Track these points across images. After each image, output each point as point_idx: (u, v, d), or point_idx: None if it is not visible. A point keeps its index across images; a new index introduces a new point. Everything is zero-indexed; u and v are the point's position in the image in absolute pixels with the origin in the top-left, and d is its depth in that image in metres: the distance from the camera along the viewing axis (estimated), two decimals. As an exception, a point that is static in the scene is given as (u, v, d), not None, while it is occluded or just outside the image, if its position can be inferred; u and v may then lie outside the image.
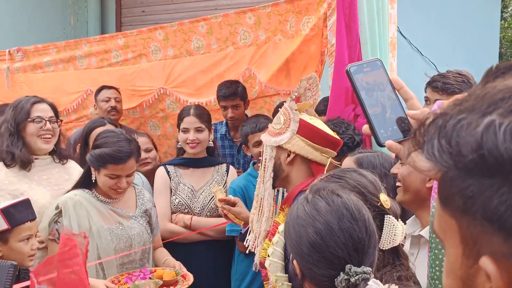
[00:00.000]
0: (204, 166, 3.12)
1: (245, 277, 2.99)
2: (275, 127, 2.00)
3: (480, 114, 0.56)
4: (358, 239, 1.21)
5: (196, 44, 3.78)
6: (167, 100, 3.97)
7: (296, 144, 1.95)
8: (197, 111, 3.06)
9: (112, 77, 4.07)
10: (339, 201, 1.25)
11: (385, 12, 3.04)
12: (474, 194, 0.56)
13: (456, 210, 0.59)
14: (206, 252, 3.01)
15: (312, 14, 3.32)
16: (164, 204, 3.00)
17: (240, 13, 3.60)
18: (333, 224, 1.21)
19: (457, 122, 0.57)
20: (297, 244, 1.25)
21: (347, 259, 1.20)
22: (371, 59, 1.12)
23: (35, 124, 2.63)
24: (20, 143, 2.61)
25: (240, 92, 3.45)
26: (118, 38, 4.10)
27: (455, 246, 0.61)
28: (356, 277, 1.17)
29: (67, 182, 2.71)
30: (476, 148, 0.54)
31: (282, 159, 1.99)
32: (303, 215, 1.26)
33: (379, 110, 1.05)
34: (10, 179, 2.57)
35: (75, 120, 4.30)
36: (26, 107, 2.64)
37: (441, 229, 0.64)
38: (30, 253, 2.20)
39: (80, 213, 2.40)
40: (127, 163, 2.40)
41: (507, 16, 12.09)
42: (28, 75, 4.47)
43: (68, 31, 6.54)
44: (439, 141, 0.58)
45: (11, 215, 2.15)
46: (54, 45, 4.40)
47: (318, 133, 1.95)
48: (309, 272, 1.24)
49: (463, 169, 0.56)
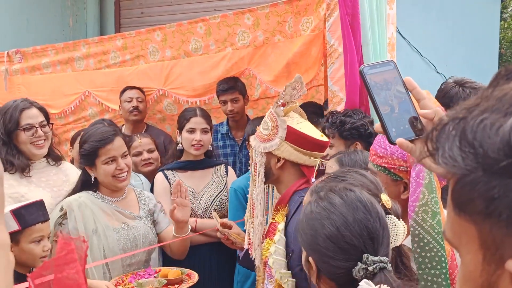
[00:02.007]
0: (203, 168, 3.11)
1: (247, 279, 2.99)
2: (263, 132, 2.03)
3: (502, 114, 0.54)
4: (373, 229, 1.24)
5: (194, 45, 3.77)
6: (165, 102, 3.96)
7: (285, 151, 1.98)
8: (203, 112, 3.08)
9: (110, 78, 4.07)
10: (353, 195, 1.29)
11: (383, 13, 3.04)
12: (500, 195, 0.54)
13: (476, 214, 0.57)
14: (209, 254, 3.01)
15: (311, 15, 3.31)
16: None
17: (238, 14, 3.59)
18: (348, 216, 1.24)
19: (479, 122, 0.55)
20: (312, 239, 1.27)
21: (363, 248, 1.22)
22: (385, 60, 1.15)
23: (26, 133, 2.61)
24: (15, 151, 2.61)
25: (239, 86, 3.51)
26: (117, 39, 4.09)
27: (473, 252, 0.59)
28: (373, 266, 1.19)
29: (65, 183, 2.72)
30: (503, 147, 0.53)
31: (272, 163, 2.03)
32: (318, 210, 1.29)
33: (391, 110, 1.07)
34: (10, 182, 2.56)
35: (73, 122, 4.29)
36: (14, 116, 2.60)
37: (456, 235, 0.62)
38: (42, 255, 2.21)
39: (85, 214, 2.41)
40: (115, 141, 2.46)
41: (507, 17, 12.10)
42: (26, 77, 4.46)
43: (67, 33, 6.54)
44: (460, 144, 0.56)
45: (22, 216, 2.16)
46: (52, 46, 4.39)
47: (305, 139, 1.98)
48: (326, 266, 1.25)
49: (488, 171, 0.54)
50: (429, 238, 1.56)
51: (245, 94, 3.57)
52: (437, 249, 1.55)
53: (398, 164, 1.69)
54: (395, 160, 1.69)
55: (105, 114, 4.11)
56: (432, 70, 6.28)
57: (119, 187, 2.52)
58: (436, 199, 1.59)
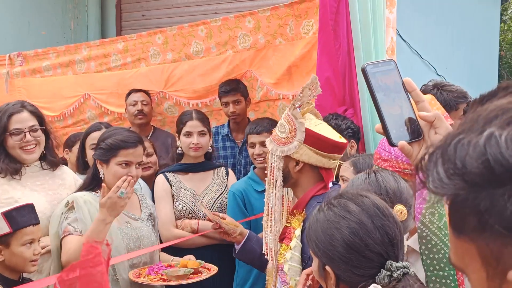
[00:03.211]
0: (203, 170, 3.12)
1: (245, 282, 2.99)
2: (281, 135, 1.97)
3: (478, 132, 0.57)
4: (393, 235, 1.23)
5: (196, 48, 3.78)
6: (165, 104, 3.98)
7: (304, 154, 1.93)
8: (199, 115, 3.08)
9: (110, 81, 4.08)
10: (368, 201, 1.27)
11: (381, 16, 3.05)
12: (487, 207, 0.55)
13: (472, 231, 0.58)
14: (210, 256, 3.00)
15: (312, 18, 3.32)
16: (168, 210, 3.00)
17: (239, 17, 3.61)
18: (368, 223, 1.23)
19: (457, 142, 0.58)
20: (331, 248, 1.24)
21: (386, 255, 1.21)
22: (386, 59, 1.13)
23: (13, 137, 2.55)
24: (3, 156, 2.56)
25: (241, 88, 3.53)
26: (118, 42, 4.10)
27: (477, 271, 0.60)
28: (398, 272, 1.18)
29: (61, 187, 2.69)
30: (481, 160, 0.55)
31: (291, 167, 1.98)
32: (333, 218, 1.26)
33: (392, 110, 1.06)
34: (3, 187, 2.53)
35: (72, 124, 4.30)
36: (3, 121, 2.55)
37: (459, 258, 0.63)
38: (32, 258, 2.19)
39: (91, 211, 2.39)
40: (137, 148, 2.44)
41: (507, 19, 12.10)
42: (27, 79, 4.48)
43: (68, 35, 6.55)
44: (444, 166, 0.58)
45: (13, 219, 2.14)
46: (54, 49, 4.41)
47: (324, 141, 1.94)
48: (347, 274, 1.23)
49: (472, 185, 0.56)
50: (436, 240, 1.56)
51: (247, 96, 3.58)
52: (444, 251, 1.55)
53: (403, 167, 1.68)
54: (400, 163, 1.68)
55: (104, 117, 4.12)
56: (433, 73, 6.28)
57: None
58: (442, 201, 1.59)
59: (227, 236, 2.40)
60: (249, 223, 2.94)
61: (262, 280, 2.82)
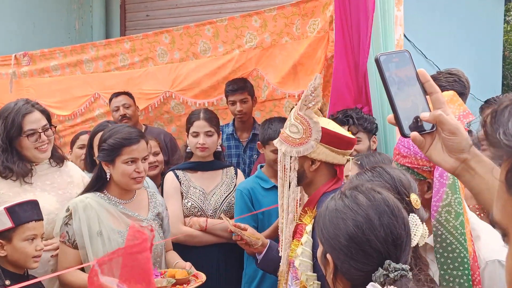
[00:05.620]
0: (212, 169, 3.13)
1: (253, 280, 2.99)
2: (294, 136, 1.97)
3: None
4: (398, 235, 1.22)
5: (203, 47, 3.80)
6: (172, 102, 3.99)
7: (321, 153, 1.95)
8: (206, 115, 3.06)
9: (120, 80, 4.10)
10: (380, 197, 1.26)
11: (391, 13, 3.05)
12: None
13: None
14: (218, 254, 3.01)
15: (318, 17, 3.34)
16: (177, 207, 3.00)
17: (246, 16, 3.62)
18: (374, 219, 1.22)
19: None
20: (334, 237, 1.24)
21: (386, 254, 1.20)
22: (400, 50, 1.11)
23: (29, 138, 2.51)
24: (16, 158, 2.52)
25: (248, 87, 3.55)
26: (124, 42, 4.12)
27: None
28: (395, 273, 1.17)
29: (70, 184, 2.68)
30: None
31: (306, 167, 1.99)
32: (342, 208, 1.26)
33: (405, 101, 1.06)
34: (15, 190, 2.51)
35: (81, 123, 4.32)
36: (17, 121, 2.49)
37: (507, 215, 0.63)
38: (34, 254, 2.20)
39: (90, 215, 2.38)
40: (140, 143, 2.43)
41: (511, 19, 12.10)
42: (35, 79, 4.49)
43: (73, 36, 6.57)
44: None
45: (15, 214, 2.15)
46: (60, 49, 4.42)
47: (339, 138, 1.96)
48: (345, 266, 1.23)
49: None
50: (452, 239, 1.55)
51: (254, 95, 3.59)
52: (459, 250, 1.54)
53: (421, 164, 1.66)
54: (419, 160, 1.66)
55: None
56: (436, 72, 6.28)
57: (133, 188, 2.49)
58: (459, 199, 1.57)
59: (248, 247, 2.38)
60: (256, 221, 2.94)
61: (270, 279, 2.83)
